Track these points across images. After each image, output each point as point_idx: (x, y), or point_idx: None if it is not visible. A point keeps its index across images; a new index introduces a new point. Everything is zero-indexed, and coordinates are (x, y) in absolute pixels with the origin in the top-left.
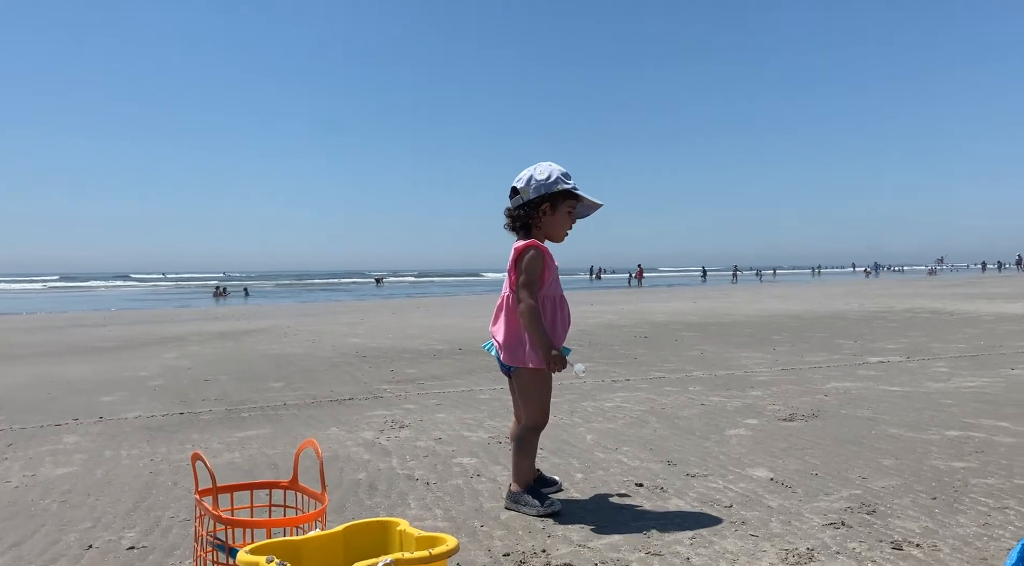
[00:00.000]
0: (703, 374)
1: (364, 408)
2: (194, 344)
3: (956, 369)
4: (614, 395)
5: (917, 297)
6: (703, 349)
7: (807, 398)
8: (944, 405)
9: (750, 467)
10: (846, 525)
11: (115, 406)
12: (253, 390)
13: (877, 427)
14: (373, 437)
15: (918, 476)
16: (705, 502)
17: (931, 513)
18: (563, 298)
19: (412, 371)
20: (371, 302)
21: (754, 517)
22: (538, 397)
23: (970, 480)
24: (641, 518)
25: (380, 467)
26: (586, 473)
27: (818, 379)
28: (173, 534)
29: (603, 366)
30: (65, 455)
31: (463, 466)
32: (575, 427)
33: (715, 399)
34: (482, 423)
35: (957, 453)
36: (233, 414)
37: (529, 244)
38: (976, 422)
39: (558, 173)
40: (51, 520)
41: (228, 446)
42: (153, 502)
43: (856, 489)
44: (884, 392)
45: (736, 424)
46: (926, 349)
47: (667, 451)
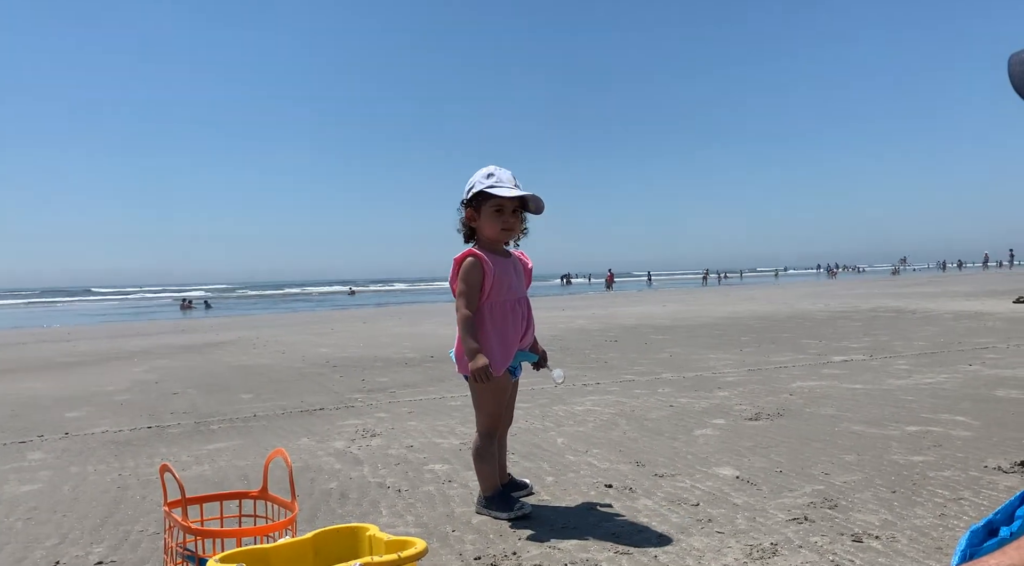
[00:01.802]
0: (672, 376)
1: (335, 418)
2: (162, 357)
3: (916, 366)
4: (585, 399)
5: (881, 297)
6: (672, 351)
7: (773, 398)
8: (904, 401)
9: (717, 466)
10: (809, 519)
11: (81, 422)
12: (222, 402)
13: (840, 424)
14: (344, 446)
15: (878, 470)
16: (673, 501)
17: (890, 506)
18: (518, 302)
19: (383, 380)
20: (342, 312)
21: (720, 514)
22: (486, 404)
23: (928, 473)
24: (610, 519)
25: (351, 476)
26: (557, 476)
27: (784, 378)
28: (142, 548)
29: (574, 370)
30: (30, 472)
31: (435, 472)
32: (546, 431)
33: (683, 400)
34: (453, 429)
35: (916, 447)
36: (202, 427)
37: (466, 253)
38: (934, 417)
39: (479, 176)
40: (16, 538)
41: (197, 459)
42: (121, 516)
43: (819, 485)
44: (847, 390)
45: (704, 424)
46: (888, 347)
47: (636, 452)
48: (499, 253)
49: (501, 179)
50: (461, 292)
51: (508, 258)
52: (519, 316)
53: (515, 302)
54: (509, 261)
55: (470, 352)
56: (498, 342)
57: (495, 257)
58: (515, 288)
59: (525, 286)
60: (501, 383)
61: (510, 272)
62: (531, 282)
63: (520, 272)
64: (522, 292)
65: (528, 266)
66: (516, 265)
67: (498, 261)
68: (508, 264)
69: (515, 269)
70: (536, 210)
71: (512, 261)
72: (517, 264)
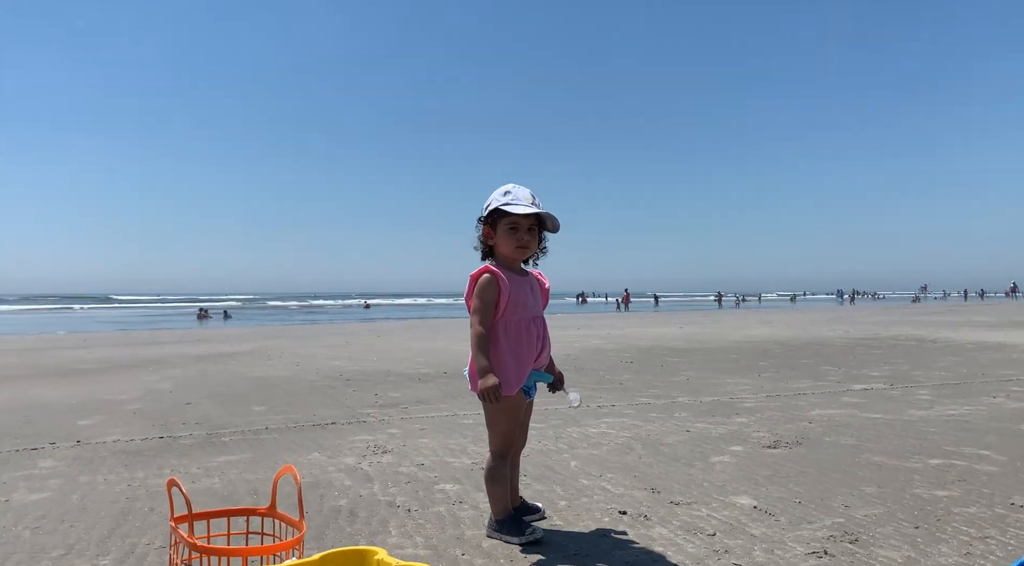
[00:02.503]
0: (689, 400)
1: (347, 433)
2: (176, 367)
3: (939, 397)
4: (599, 421)
5: (901, 324)
6: (689, 375)
7: (791, 425)
8: (927, 433)
9: (734, 495)
10: (829, 554)
11: (93, 430)
12: (235, 414)
13: (860, 455)
14: (355, 462)
15: (901, 504)
16: (689, 530)
17: (913, 542)
18: (533, 322)
19: (396, 395)
20: (357, 325)
21: (737, 545)
22: (500, 425)
23: (952, 509)
24: (624, 547)
25: (361, 493)
26: (570, 500)
27: (803, 406)
28: (148, 561)
29: (589, 391)
30: (40, 480)
31: (445, 492)
32: (560, 453)
33: (700, 425)
34: (465, 448)
35: (939, 481)
36: (214, 438)
37: (482, 270)
38: (958, 450)
39: (496, 193)
40: (23, 547)
41: (207, 471)
42: (129, 528)
43: (839, 518)
44: (867, 420)
45: (721, 451)
46: (909, 377)
47: (651, 478)
48: (516, 271)
49: (518, 197)
50: (476, 309)
51: (525, 277)
52: (534, 335)
53: (530, 321)
54: (526, 279)
55: (481, 370)
56: (512, 361)
57: (511, 275)
58: (531, 307)
59: (542, 306)
60: (515, 403)
61: (526, 291)
62: (548, 302)
63: (537, 291)
64: (538, 311)
65: (545, 286)
66: (533, 284)
67: (514, 279)
68: (524, 283)
69: (531, 288)
70: (552, 228)
71: (529, 280)
72: (534, 283)
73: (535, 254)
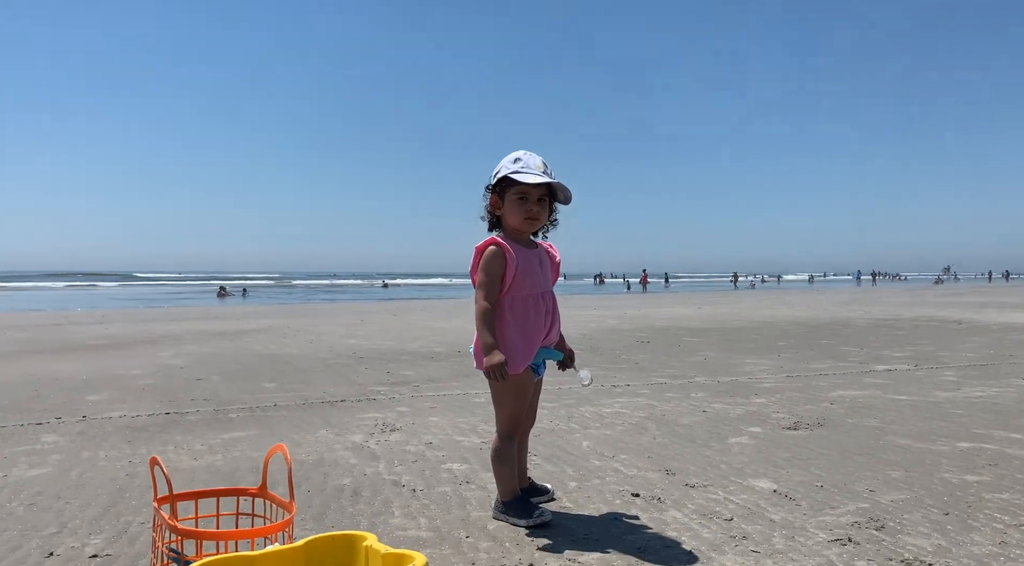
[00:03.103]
0: (706, 380)
1: (356, 410)
2: (190, 343)
3: (965, 378)
4: (613, 400)
5: (924, 306)
6: (706, 355)
7: (812, 406)
8: (954, 415)
9: (752, 478)
10: (853, 542)
11: (100, 405)
12: (244, 391)
13: (885, 437)
14: (362, 440)
15: (928, 490)
16: (704, 515)
17: (943, 530)
18: (542, 297)
19: (408, 373)
20: (374, 304)
21: (756, 531)
22: (507, 404)
23: (984, 495)
24: (636, 531)
25: (366, 472)
26: (580, 482)
27: (824, 387)
28: (140, 542)
29: (603, 371)
30: (41, 455)
31: (452, 472)
32: (571, 433)
33: (717, 406)
34: (475, 427)
35: (969, 466)
36: (221, 415)
37: (488, 242)
38: (987, 433)
39: (506, 161)
40: (15, 524)
41: (211, 448)
42: (124, 507)
43: (863, 503)
44: (891, 401)
45: (739, 432)
46: (934, 358)
47: (666, 459)
48: (524, 243)
49: (528, 164)
50: (481, 283)
51: (534, 249)
52: (543, 311)
53: (539, 296)
54: (534, 252)
55: (486, 347)
56: (519, 338)
57: (519, 247)
58: (540, 281)
59: (551, 280)
60: (523, 382)
61: (535, 264)
62: (558, 276)
63: (546, 264)
64: (547, 286)
65: (555, 259)
66: (542, 257)
67: (522, 252)
68: (533, 255)
69: (540, 261)
70: (564, 200)
71: (538, 252)
72: (543, 256)
73: (545, 226)
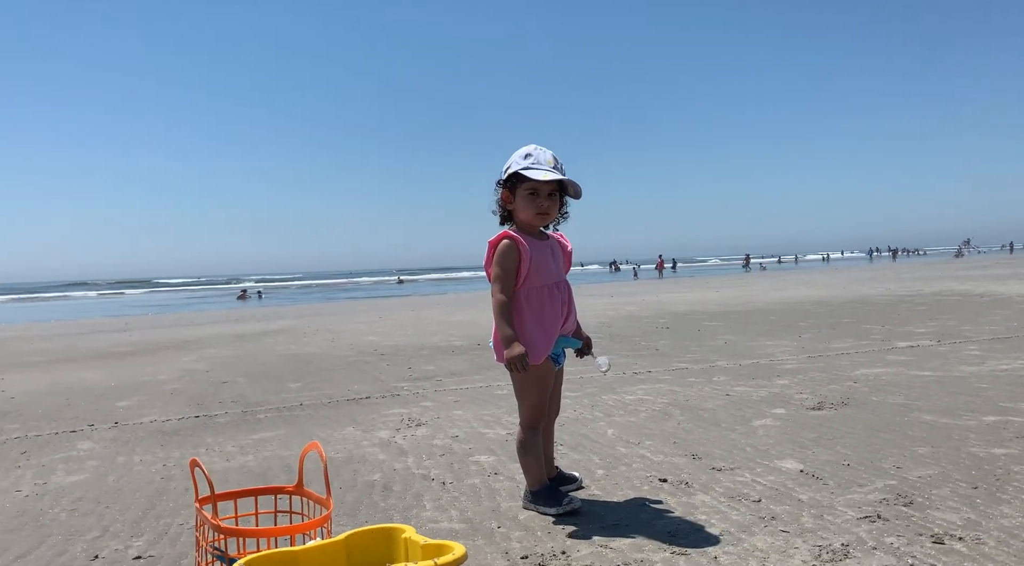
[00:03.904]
0: (727, 364)
1: (381, 407)
2: (213, 347)
3: (989, 352)
4: (636, 388)
5: (945, 279)
6: (726, 338)
7: (835, 385)
8: (979, 389)
9: (778, 459)
10: (882, 518)
11: (131, 411)
12: (270, 391)
13: (910, 414)
14: (389, 436)
15: (956, 464)
16: (732, 497)
17: (973, 504)
18: (557, 287)
19: (430, 368)
20: (391, 301)
21: (784, 512)
22: (529, 395)
23: (1012, 468)
24: (665, 516)
25: (396, 467)
26: (607, 469)
27: (846, 365)
28: (181, 542)
29: (624, 358)
30: (78, 462)
31: (480, 464)
32: (595, 421)
33: (740, 389)
34: (500, 419)
35: (996, 439)
36: (249, 416)
37: (501, 236)
38: (1014, 406)
39: (516, 156)
40: (59, 530)
41: (242, 449)
42: (163, 509)
43: (891, 479)
44: (915, 377)
45: (763, 414)
46: (957, 332)
47: (692, 444)
48: (536, 235)
49: (539, 160)
50: (496, 277)
51: (546, 240)
52: (558, 301)
53: (553, 286)
54: (547, 244)
55: (506, 340)
56: (537, 329)
57: (532, 239)
58: (553, 271)
59: (565, 270)
60: (543, 372)
61: (547, 255)
62: (571, 265)
63: (559, 255)
64: (561, 276)
65: (568, 249)
66: (554, 248)
67: (535, 244)
68: (545, 247)
69: (553, 252)
70: (575, 195)
71: (550, 243)
72: (555, 247)
73: (556, 219)
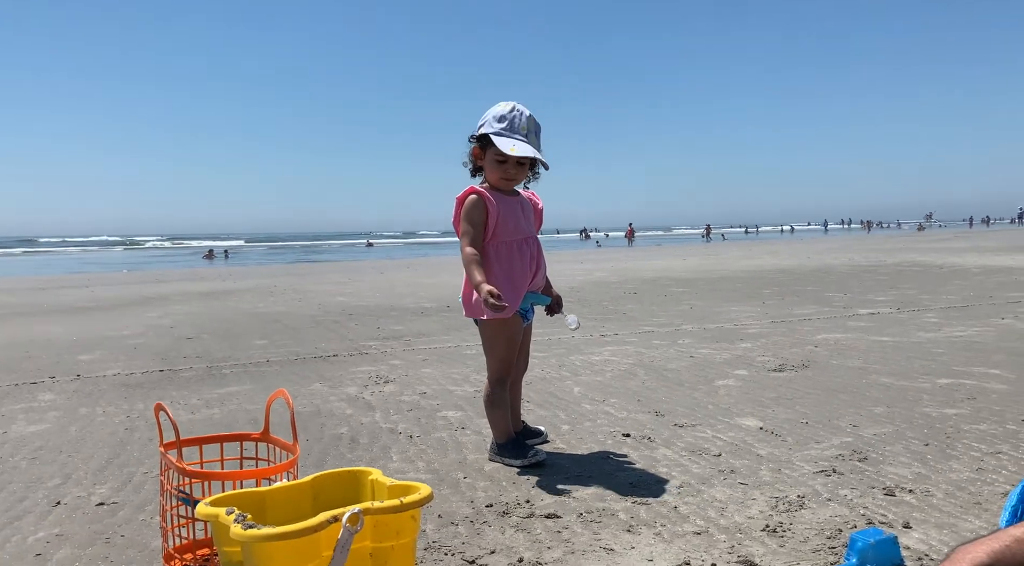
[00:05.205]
0: (693, 328)
1: (348, 364)
2: (178, 304)
3: (946, 319)
4: (602, 349)
5: (907, 251)
6: (692, 304)
7: (797, 349)
8: (935, 354)
9: (739, 417)
10: (837, 472)
11: (94, 364)
12: (236, 348)
13: (868, 376)
14: (357, 392)
15: (910, 423)
16: (693, 451)
17: (923, 459)
18: (525, 242)
19: (399, 328)
20: (360, 263)
21: (743, 466)
22: (498, 349)
23: (962, 426)
24: (628, 468)
25: (363, 421)
26: (572, 424)
27: (808, 331)
28: (145, 490)
29: (592, 322)
30: (39, 413)
31: (447, 419)
32: (563, 380)
33: (704, 351)
34: (468, 377)
35: (948, 400)
36: (214, 371)
37: (468, 191)
38: (967, 370)
39: (492, 114)
40: (19, 477)
41: (207, 402)
42: (127, 458)
43: (847, 437)
44: (875, 342)
45: (725, 375)
46: (916, 301)
47: (655, 402)
48: (505, 191)
49: (514, 126)
50: (464, 232)
51: (515, 196)
52: (527, 256)
53: (522, 242)
54: (516, 200)
55: (477, 286)
56: (506, 283)
57: (500, 195)
58: (523, 227)
59: (535, 227)
60: (512, 327)
61: (516, 211)
62: (542, 223)
63: (529, 211)
64: (531, 231)
65: (538, 206)
66: (524, 204)
67: (503, 199)
68: (514, 203)
69: (522, 208)
70: (543, 166)
71: (519, 200)
72: (525, 203)
73: (526, 179)
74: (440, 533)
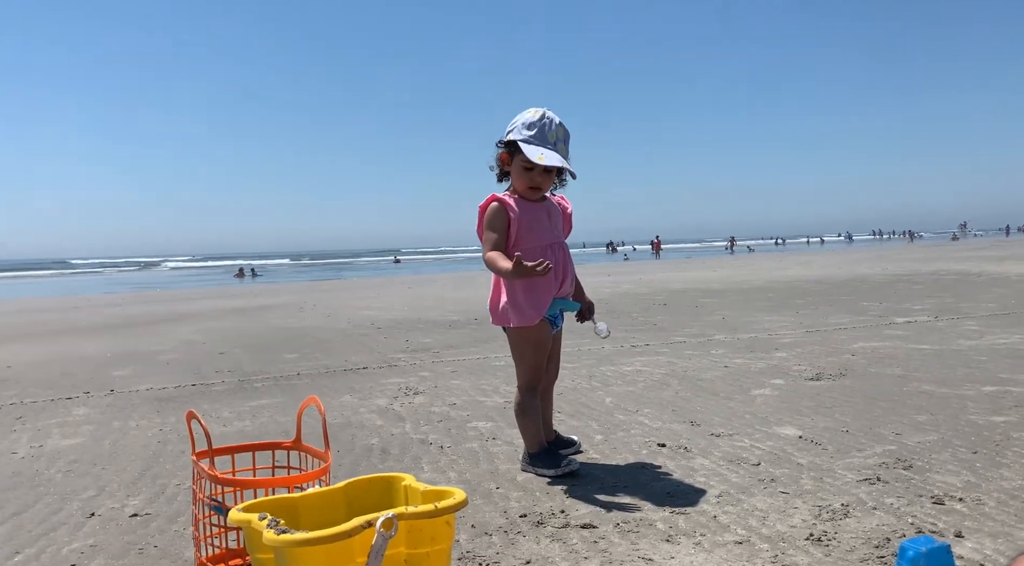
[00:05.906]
0: (725, 338)
1: (378, 376)
2: (210, 320)
3: (988, 327)
4: (634, 359)
5: (941, 260)
6: (724, 314)
7: (834, 358)
8: (977, 362)
9: (777, 426)
10: (882, 480)
11: (127, 379)
12: (266, 362)
13: (909, 384)
14: (387, 404)
15: (955, 431)
16: (731, 461)
17: (972, 467)
18: (551, 248)
19: (427, 341)
20: (387, 278)
21: (784, 474)
22: (527, 357)
23: (1011, 434)
24: (664, 478)
25: (393, 432)
26: (606, 435)
27: (844, 339)
28: (178, 501)
29: (622, 332)
30: (73, 426)
31: (478, 430)
32: (594, 391)
33: (738, 361)
34: (497, 388)
35: (995, 408)
36: (246, 385)
37: (489, 199)
38: (1012, 377)
39: (521, 121)
40: (54, 489)
41: (239, 415)
42: (159, 470)
43: (890, 445)
44: (914, 350)
45: (761, 384)
46: (955, 309)
47: (690, 412)
48: (530, 197)
49: (543, 134)
50: (487, 239)
51: (542, 202)
52: (554, 262)
53: (547, 247)
54: (542, 205)
55: (503, 272)
56: (529, 290)
57: (524, 202)
58: (549, 232)
59: (564, 232)
60: (540, 334)
61: (542, 216)
62: (571, 227)
63: (556, 216)
64: (558, 237)
65: (567, 210)
66: (551, 209)
67: (527, 206)
68: (540, 208)
69: (549, 213)
70: (571, 176)
71: (546, 205)
72: (552, 208)
73: (553, 185)
74: (474, 543)
